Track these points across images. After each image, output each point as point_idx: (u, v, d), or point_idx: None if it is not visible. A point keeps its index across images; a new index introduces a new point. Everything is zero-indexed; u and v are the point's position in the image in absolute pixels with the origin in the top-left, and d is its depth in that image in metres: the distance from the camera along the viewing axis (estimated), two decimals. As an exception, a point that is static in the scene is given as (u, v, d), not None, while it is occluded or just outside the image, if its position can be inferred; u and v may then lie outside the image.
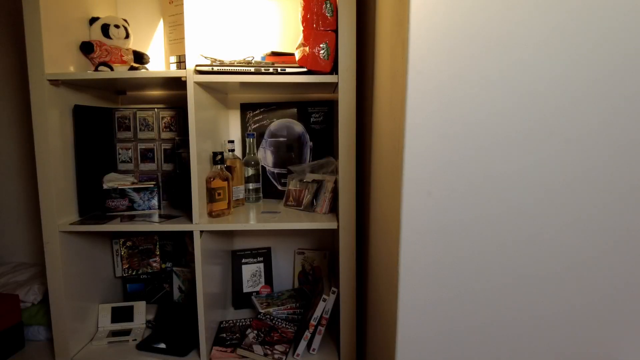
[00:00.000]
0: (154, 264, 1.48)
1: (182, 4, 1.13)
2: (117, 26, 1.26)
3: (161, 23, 1.47)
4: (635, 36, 0.62)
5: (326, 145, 1.49)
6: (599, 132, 0.64)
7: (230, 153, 1.36)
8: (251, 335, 1.26)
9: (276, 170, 1.51)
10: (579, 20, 0.62)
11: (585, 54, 0.63)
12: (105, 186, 1.28)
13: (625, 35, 0.62)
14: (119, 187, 1.29)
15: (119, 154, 1.43)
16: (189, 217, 1.21)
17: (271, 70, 1.12)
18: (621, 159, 0.65)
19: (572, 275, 0.68)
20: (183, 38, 1.23)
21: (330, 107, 1.48)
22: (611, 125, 0.64)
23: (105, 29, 1.25)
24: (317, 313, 1.19)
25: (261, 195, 1.47)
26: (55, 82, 1.13)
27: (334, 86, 1.25)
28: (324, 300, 1.19)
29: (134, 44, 1.39)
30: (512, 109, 0.64)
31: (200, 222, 1.16)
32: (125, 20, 1.30)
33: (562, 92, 0.63)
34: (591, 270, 0.68)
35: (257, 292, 1.54)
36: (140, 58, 1.33)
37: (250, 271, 1.54)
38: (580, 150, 0.65)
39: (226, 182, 1.20)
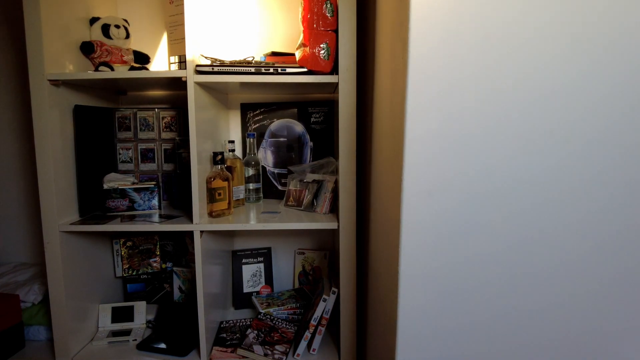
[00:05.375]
0: (154, 264, 1.48)
1: (182, 4, 1.13)
2: (117, 26, 1.26)
3: (162, 23, 1.47)
4: None
5: (326, 145, 1.49)
6: (602, 133, 0.64)
7: (231, 153, 1.36)
8: (251, 335, 1.26)
9: (276, 170, 1.51)
10: (580, 19, 0.62)
11: (585, 53, 0.62)
12: (105, 186, 1.28)
13: (636, 37, 0.62)
14: (120, 187, 1.29)
15: (120, 154, 1.43)
16: (189, 217, 1.21)
17: (271, 70, 1.12)
18: (623, 160, 0.65)
19: (574, 276, 0.68)
20: (183, 38, 1.22)
21: (330, 107, 1.48)
22: (616, 128, 0.64)
23: (105, 29, 1.25)
24: (317, 313, 1.19)
25: (261, 195, 1.47)
26: (55, 82, 1.13)
27: (334, 86, 1.25)
28: (324, 300, 1.19)
29: (134, 44, 1.39)
30: (513, 109, 0.64)
31: (200, 222, 1.16)
32: (126, 20, 1.30)
33: (563, 92, 0.63)
34: (593, 271, 0.68)
35: (258, 292, 1.54)
36: (140, 58, 1.33)
37: (251, 271, 1.54)
38: (581, 150, 0.65)
39: (226, 182, 1.20)
